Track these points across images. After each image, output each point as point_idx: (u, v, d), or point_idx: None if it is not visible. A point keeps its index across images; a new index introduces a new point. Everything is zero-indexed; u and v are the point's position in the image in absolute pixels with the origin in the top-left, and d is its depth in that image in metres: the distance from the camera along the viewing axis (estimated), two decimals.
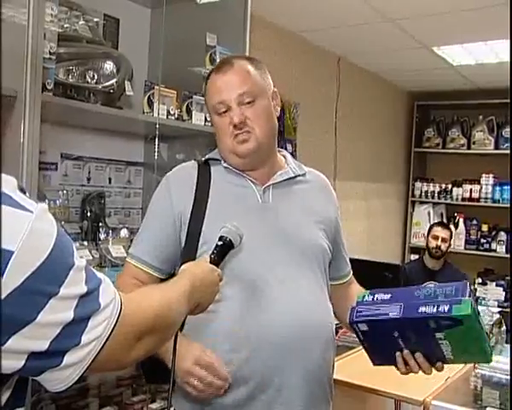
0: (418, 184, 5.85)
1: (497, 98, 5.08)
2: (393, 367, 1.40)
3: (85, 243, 2.13)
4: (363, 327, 1.37)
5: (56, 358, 0.78)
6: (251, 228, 1.39)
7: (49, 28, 1.79)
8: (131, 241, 1.82)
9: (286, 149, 3.83)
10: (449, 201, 5.70)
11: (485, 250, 5.46)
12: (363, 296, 1.41)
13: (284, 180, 1.54)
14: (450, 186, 5.68)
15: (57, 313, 0.76)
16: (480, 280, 5.44)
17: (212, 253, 1.28)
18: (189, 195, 1.47)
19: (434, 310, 1.28)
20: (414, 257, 5.85)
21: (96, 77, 2.04)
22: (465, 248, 5.55)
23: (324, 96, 4.44)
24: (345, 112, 4.66)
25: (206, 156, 1.57)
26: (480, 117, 5.49)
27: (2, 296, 0.70)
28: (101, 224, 2.29)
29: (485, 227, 5.52)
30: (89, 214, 2.31)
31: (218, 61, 2.25)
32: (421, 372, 1.41)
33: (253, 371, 1.37)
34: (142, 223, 1.56)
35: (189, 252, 1.44)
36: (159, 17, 2.47)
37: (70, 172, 2.34)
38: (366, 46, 4.27)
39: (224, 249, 1.29)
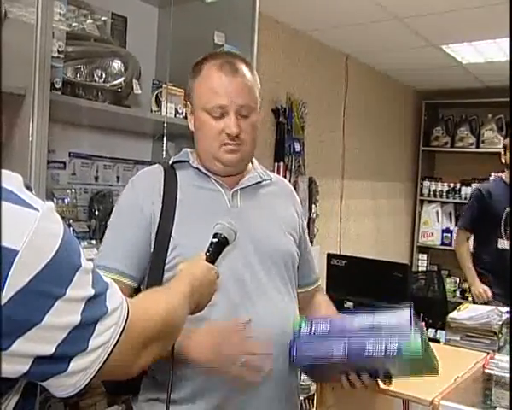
0: (426, 183, 5.83)
1: (506, 96, 5.01)
2: None
3: (93, 241, 2.13)
4: (307, 366, 1.37)
5: (62, 363, 0.76)
6: None
7: (58, 27, 1.80)
8: None
9: (294, 147, 3.82)
10: (457, 200, 5.66)
11: None
12: (300, 327, 1.37)
13: (252, 184, 1.51)
14: (458, 185, 5.65)
15: (64, 315, 0.74)
16: None
17: (208, 250, 1.26)
18: (157, 199, 1.42)
19: (382, 350, 1.23)
20: (422, 256, 5.84)
21: (103, 75, 2.04)
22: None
23: (332, 95, 4.43)
24: (353, 111, 4.65)
25: (172, 159, 1.53)
26: (489, 115, 5.46)
27: (7, 297, 0.68)
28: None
29: None
30: (97, 213, 2.31)
31: None
32: None
33: (223, 380, 1.34)
34: (108, 231, 1.46)
35: (158, 258, 1.39)
36: (166, 16, 2.47)
37: (78, 170, 2.35)
38: (374, 45, 4.25)
39: (218, 246, 1.28)
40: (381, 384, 1.41)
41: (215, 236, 1.28)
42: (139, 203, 1.42)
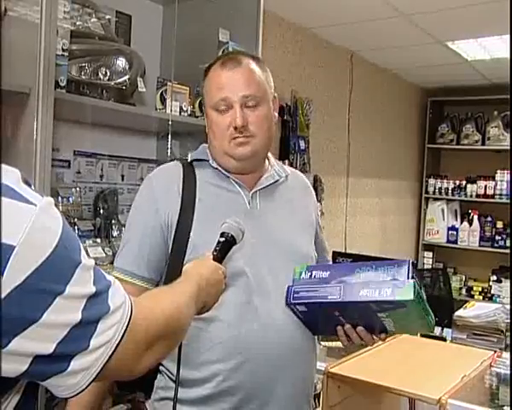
0: (432, 181, 5.81)
1: None
2: (409, 366, 1.39)
3: (98, 240, 2.13)
4: (302, 308, 1.36)
5: (62, 363, 0.74)
6: None
7: (62, 25, 1.80)
8: None
9: (299, 145, 3.81)
10: (463, 197, 5.64)
11: (500, 247, 5.39)
12: (300, 273, 1.39)
13: (270, 184, 1.49)
14: (464, 183, 5.63)
15: (63, 313, 0.72)
16: (494, 277, 5.41)
17: (215, 250, 1.24)
18: (175, 198, 1.39)
19: (376, 294, 1.25)
20: (428, 254, 5.82)
21: (108, 74, 2.04)
22: (479, 245, 5.49)
23: (337, 93, 4.42)
24: (357, 108, 4.64)
25: (191, 157, 1.50)
26: (495, 113, 5.43)
27: (3, 294, 0.66)
28: (113, 221, 2.29)
29: (499, 224, 5.46)
30: (102, 211, 2.31)
31: None
32: (434, 369, 1.40)
33: (241, 382, 1.34)
34: (125, 233, 1.46)
35: (176, 259, 1.37)
36: (171, 13, 2.47)
37: (83, 169, 2.34)
38: (379, 42, 4.24)
39: (226, 246, 1.25)
40: (375, 338, 1.40)
41: (222, 235, 1.26)
42: (155, 204, 1.40)
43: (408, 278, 1.26)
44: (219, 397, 1.34)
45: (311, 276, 1.37)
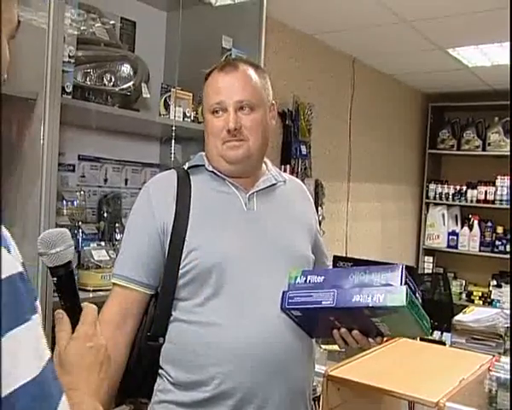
0: (432, 186, 5.83)
1: None
2: (408, 369, 1.40)
3: (102, 243, 2.16)
4: (297, 313, 1.37)
5: None
6: (237, 237, 1.40)
7: (68, 32, 1.82)
8: None
9: (300, 150, 3.83)
10: (463, 203, 5.66)
11: (500, 252, 5.41)
12: (295, 277, 1.39)
13: (267, 187, 1.51)
14: (464, 188, 5.65)
15: None
16: (494, 282, 5.42)
17: (60, 300, 0.92)
18: (170, 205, 1.42)
19: (369, 300, 1.25)
20: (428, 259, 5.83)
21: (113, 79, 2.07)
22: (480, 251, 5.51)
23: (339, 98, 4.45)
24: (359, 113, 4.66)
25: (188, 164, 1.53)
26: (496, 118, 5.45)
27: None
28: (117, 224, 2.32)
29: (500, 229, 5.48)
30: (105, 215, 2.34)
31: None
32: (433, 373, 1.42)
33: (238, 385, 1.34)
34: (124, 239, 1.48)
35: (172, 264, 1.39)
36: (175, 20, 2.49)
37: (87, 173, 2.37)
38: (381, 48, 4.26)
39: (65, 281, 0.91)
40: (372, 341, 1.40)
41: (53, 273, 0.91)
42: (151, 209, 1.43)
43: (401, 282, 1.26)
44: (217, 400, 1.35)
45: (306, 281, 1.37)
